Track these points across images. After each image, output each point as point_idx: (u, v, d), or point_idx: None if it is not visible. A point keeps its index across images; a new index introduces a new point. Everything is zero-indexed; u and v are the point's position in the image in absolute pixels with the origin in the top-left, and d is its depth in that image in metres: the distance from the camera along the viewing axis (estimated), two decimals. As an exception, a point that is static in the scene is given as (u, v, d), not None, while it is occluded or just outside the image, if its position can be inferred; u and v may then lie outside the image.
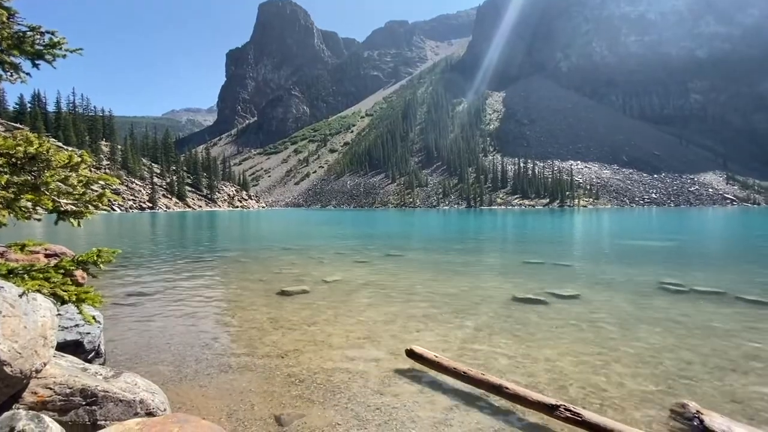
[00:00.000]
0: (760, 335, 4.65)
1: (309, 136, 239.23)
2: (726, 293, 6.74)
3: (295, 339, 4.51)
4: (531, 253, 13.21)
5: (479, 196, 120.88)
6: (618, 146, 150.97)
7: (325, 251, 13.61)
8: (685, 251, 14.49)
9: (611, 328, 4.90)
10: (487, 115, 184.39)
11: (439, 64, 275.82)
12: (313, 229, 28.34)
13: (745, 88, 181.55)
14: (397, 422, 2.78)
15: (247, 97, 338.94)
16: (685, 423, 2.67)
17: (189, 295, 6.75)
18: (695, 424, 2.61)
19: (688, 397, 3.00)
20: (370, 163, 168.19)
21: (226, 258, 11.85)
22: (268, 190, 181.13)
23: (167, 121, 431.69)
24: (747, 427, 2.53)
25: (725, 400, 3.09)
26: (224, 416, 2.85)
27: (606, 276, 8.72)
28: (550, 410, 2.66)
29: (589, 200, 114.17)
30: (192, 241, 18.97)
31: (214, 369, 3.69)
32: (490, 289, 7.23)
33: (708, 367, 3.73)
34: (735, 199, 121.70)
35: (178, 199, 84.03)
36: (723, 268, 10.41)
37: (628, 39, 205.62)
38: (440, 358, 3.54)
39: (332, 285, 7.59)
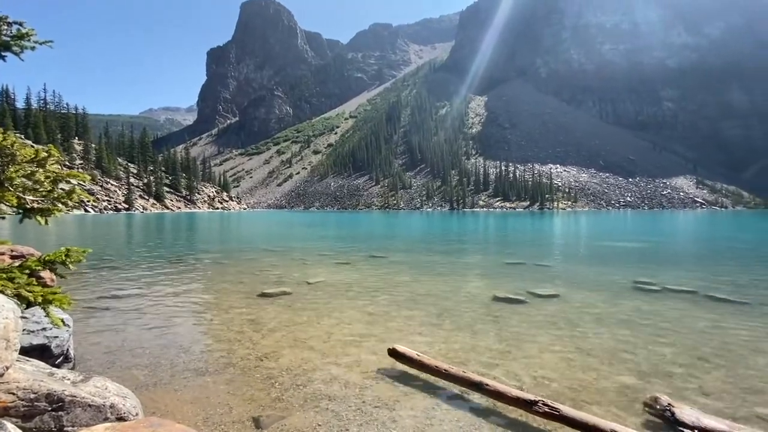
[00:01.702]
0: (728, 331, 4.85)
1: (292, 137, 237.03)
2: (696, 292, 7.01)
3: (275, 341, 4.43)
4: (512, 254, 13.43)
5: (462, 198, 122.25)
6: (595, 151, 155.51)
7: (307, 253, 13.47)
8: (658, 252, 15.01)
9: (588, 326, 5.02)
10: (469, 119, 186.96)
11: (423, 68, 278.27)
12: (295, 230, 28.04)
13: (712, 97, 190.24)
14: (378, 422, 2.76)
15: (229, 96, 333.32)
16: (657, 415, 2.76)
17: (165, 298, 6.56)
18: (667, 416, 2.69)
19: (660, 391, 3.09)
20: (354, 165, 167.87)
21: (204, 260, 11.58)
22: (249, 192, 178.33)
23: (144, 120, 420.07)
24: (715, 418, 2.62)
25: (695, 393, 3.20)
26: (200, 420, 2.77)
27: (583, 276, 8.94)
28: (529, 406, 2.70)
29: (568, 203, 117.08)
30: (170, 242, 18.46)
31: (191, 373, 3.59)
32: (472, 289, 7.30)
33: (679, 362, 3.86)
34: (704, 202, 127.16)
35: (156, 200, 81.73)
36: (693, 268, 10.83)
37: (603, 47, 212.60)
38: (422, 356, 3.54)
39: (314, 286, 7.52)
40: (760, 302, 6.32)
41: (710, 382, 3.43)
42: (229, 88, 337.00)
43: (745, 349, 4.22)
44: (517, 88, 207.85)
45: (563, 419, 2.57)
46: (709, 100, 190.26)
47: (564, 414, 2.57)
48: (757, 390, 3.27)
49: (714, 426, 2.53)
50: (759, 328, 4.99)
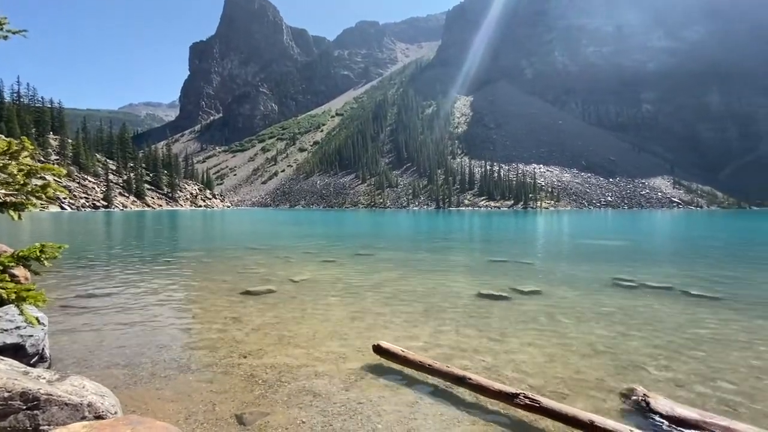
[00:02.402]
0: (702, 325, 5.04)
1: (277, 134, 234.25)
2: (672, 288, 7.25)
3: (259, 338, 4.39)
4: (496, 252, 13.62)
5: (448, 197, 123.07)
6: (577, 151, 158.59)
7: (292, 251, 13.37)
8: (636, 250, 15.45)
9: (568, 321, 5.14)
10: (455, 119, 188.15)
11: (410, 66, 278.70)
12: (280, 228, 27.76)
13: (689, 100, 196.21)
14: (363, 417, 2.77)
15: (212, 92, 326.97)
16: (633, 405, 2.85)
17: (146, 296, 6.42)
18: (642, 406, 2.79)
19: (636, 382, 3.20)
20: (341, 163, 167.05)
21: (187, 258, 11.37)
22: (233, 189, 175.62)
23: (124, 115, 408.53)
24: (687, 407, 2.73)
25: (669, 384, 3.32)
26: (182, 418, 2.73)
27: (564, 273, 9.13)
28: (510, 399, 2.75)
29: (551, 202, 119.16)
30: (150, 240, 18.05)
31: (173, 371, 3.53)
32: (456, 287, 7.38)
33: (655, 355, 3.99)
34: (680, 202, 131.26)
35: (136, 197, 79.68)
36: (669, 265, 11.19)
37: (587, 49, 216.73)
38: (406, 352, 3.57)
39: (299, 284, 7.47)
40: (731, 298, 6.58)
41: (684, 373, 3.56)
42: (212, 83, 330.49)
43: (717, 343, 4.39)
44: (503, 89, 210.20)
45: (543, 411, 2.63)
46: (687, 102, 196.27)
47: (544, 406, 2.63)
48: (727, 380, 3.41)
49: (686, 415, 2.63)
50: (730, 322, 5.20)
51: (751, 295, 6.91)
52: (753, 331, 4.81)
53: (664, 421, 2.63)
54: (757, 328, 4.91)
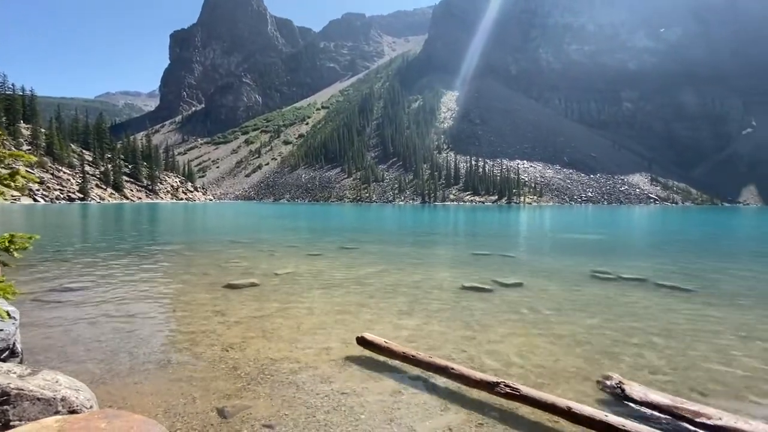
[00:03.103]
0: (674, 316, 5.23)
1: (261, 127, 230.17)
2: (647, 280, 7.49)
3: (241, 331, 4.34)
4: (480, 246, 13.79)
5: (433, 192, 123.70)
6: (560, 148, 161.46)
7: (276, 244, 13.23)
8: (614, 244, 15.89)
9: (548, 312, 5.26)
10: (441, 114, 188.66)
11: (396, 60, 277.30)
12: (264, 222, 27.43)
13: (667, 99, 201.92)
14: (346, 407, 2.78)
15: (194, 82, 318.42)
16: (609, 392, 2.95)
17: (124, 290, 6.26)
18: (617, 392, 2.88)
19: (612, 370, 3.30)
20: (326, 157, 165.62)
21: (167, 251, 11.12)
22: (216, 182, 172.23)
23: (101, 105, 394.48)
24: (660, 393, 2.83)
25: (643, 372, 3.44)
26: (161, 412, 2.68)
27: (545, 266, 9.33)
28: (491, 387, 2.80)
29: (534, 197, 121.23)
30: (129, 233, 17.57)
31: (151, 364, 3.46)
32: (440, 279, 7.45)
33: (630, 343, 4.13)
34: (657, 198, 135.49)
35: (114, 189, 77.31)
36: (645, 258, 11.55)
37: (570, 47, 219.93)
38: (390, 344, 3.59)
39: (283, 277, 7.40)
40: (702, 289, 6.85)
41: (657, 361, 3.69)
42: (194, 73, 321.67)
43: (689, 332, 4.57)
44: (488, 84, 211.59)
45: (523, 399, 2.69)
46: (665, 102, 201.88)
47: (524, 394, 2.69)
48: (698, 368, 3.56)
49: (659, 400, 2.73)
50: (701, 312, 5.41)
51: (719, 286, 7.21)
52: (721, 320, 5.02)
53: (638, 407, 2.73)
54: (725, 318, 5.12)
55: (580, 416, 2.45)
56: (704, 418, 2.51)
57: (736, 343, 4.20)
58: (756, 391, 3.14)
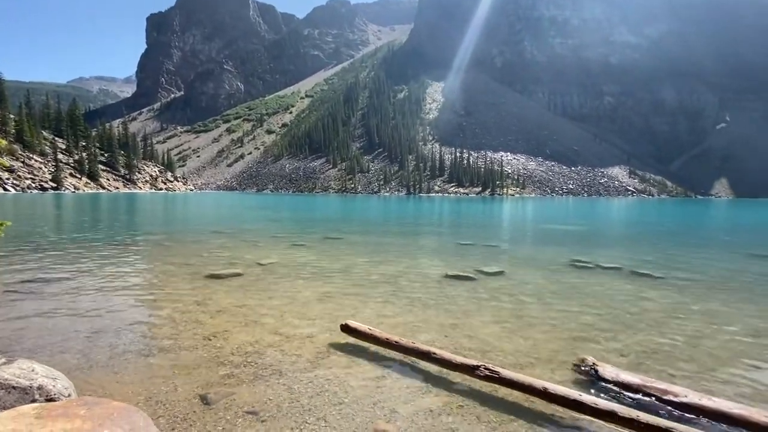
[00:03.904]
0: (646, 301, 5.45)
1: (243, 115, 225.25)
2: (622, 268, 7.76)
3: (224, 321, 4.31)
4: (463, 236, 13.97)
5: (419, 183, 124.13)
6: (543, 140, 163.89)
7: (260, 235, 13.10)
8: (592, 234, 16.35)
9: (528, 299, 5.41)
10: (426, 105, 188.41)
11: (382, 49, 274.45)
12: (247, 212, 27.05)
13: (646, 95, 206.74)
14: (330, 393, 2.82)
15: (173, 68, 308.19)
16: (583, 373, 3.07)
17: (102, 281, 6.11)
18: (591, 374, 3.01)
19: (587, 353, 3.43)
20: (311, 147, 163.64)
21: (146, 241, 10.88)
22: (197, 172, 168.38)
23: (74, 90, 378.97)
24: (630, 373, 2.97)
25: (616, 354, 3.59)
26: (142, 400, 2.66)
27: (526, 255, 9.54)
28: (472, 371, 2.89)
29: (517, 189, 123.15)
30: (106, 224, 17.07)
31: (132, 354, 3.41)
32: (424, 268, 7.54)
33: (604, 328, 4.29)
34: (635, 190, 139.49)
35: (90, 179, 74.66)
36: (621, 248, 11.95)
37: (554, 41, 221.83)
38: (374, 330, 3.63)
39: (267, 267, 7.35)
40: (673, 276, 7.15)
41: (629, 344, 3.86)
42: (172, 59, 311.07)
43: (659, 316, 4.78)
44: (473, 76, 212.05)
45: (502, 381, 2.78)
46: (644, 97, 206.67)
47: (503, 376, 2.78)
48: (665, 349, 3.74)
49: (629, 380, 2.86)
50: (671, 298, 5.66)
51: (689, 274, 7.53)
52: (689, 305, 5.27)
53: (610, 386, 2.86)
54: (694, 303, 5.37)
55: (555, 396, 2.56)
56: (671, 396, 2.65)
57: (702, 327, 4.42)
58: (719, 371, 3.32)
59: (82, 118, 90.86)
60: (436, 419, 2.52)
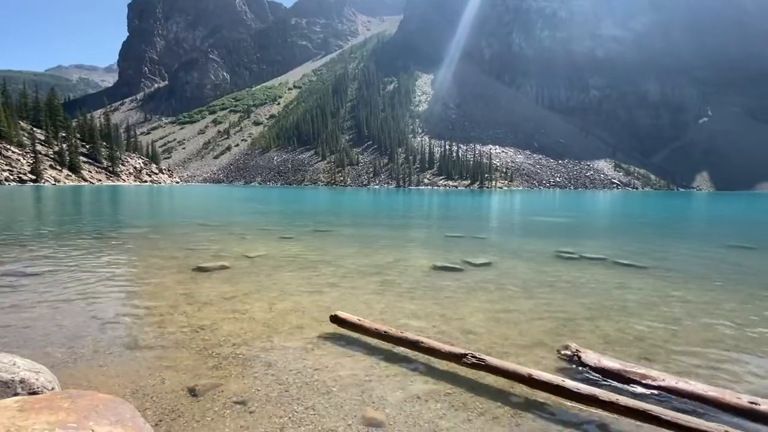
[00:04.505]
0: (628, 290, 5.60)
1: (230, 106, 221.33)
2: (606, 259, 7.94)
3: (212, 313, 4.29)
4: (452, 228, 14.07)
5: (408, 176, 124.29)
6: (530, 133, 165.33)
7: (248, 227, 12.98)
8: (578, 226, 16.64)
9: (515, 289, 5.50)
10: (416, 97, 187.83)
11: (371, 40, 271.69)
12: (235, 205, 26.73)
13: (631, 88, 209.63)
14: (319, 382, 2.84)
15: (156, 57, 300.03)
16: (567, 360, 3.16)
17: (85, 275, 5.99)
18: (574, 360, 3.09)
19: (571, 340, 3.52)
20: (299, 139, 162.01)
21: (131, 234, 10.68)
22: (182, 164, 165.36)
23: (52, 79, 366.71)
24: (612, 359, 3.06)
25: (599, 341, 3.69)
26: (129, 392, 2.64)
27: (514, 246, 9.68)
28: (459, 359, 2.94)
29: (505, 182, 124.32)
30: (89, 217, 16.69)
31: (117, 347, 3.37)
32: (413, 260, 7.58)
33: (588, 316, 4.40)
34: (620, 183, 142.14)
35: (71, 171, 72.69)
36: (606, 239, 12.21)
37: (542, 33, 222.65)
38: (363, 321, 3.65)
39: (255, 260, 7.30)
40: (654, 266, 7.34)
41: (611, 331, 3.97)
42: (155, 47, 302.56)
43: (640, 305, 4.92)
44: (462, 68, 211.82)
45: (488, 368, 2.84)
46: (629, 90, 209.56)
47: (489, 364, 2.84)
48: (645, 336, 3.86)
49: (610, 365, 2.95)
50: (652, 287, 5.82)
51: (670, 264, 7.75)
52: (670, 294, 5.43)
53: (591, 372, 2.94)
54: (673, 292, 5.54)
55: (540, 382, 2.62)
56: (650, 380, 2.75)
57: (681, 314, 4.57)
58: (696, 356, 3.45)
59: (61, 107, 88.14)
60: (424, 406, 2.57)
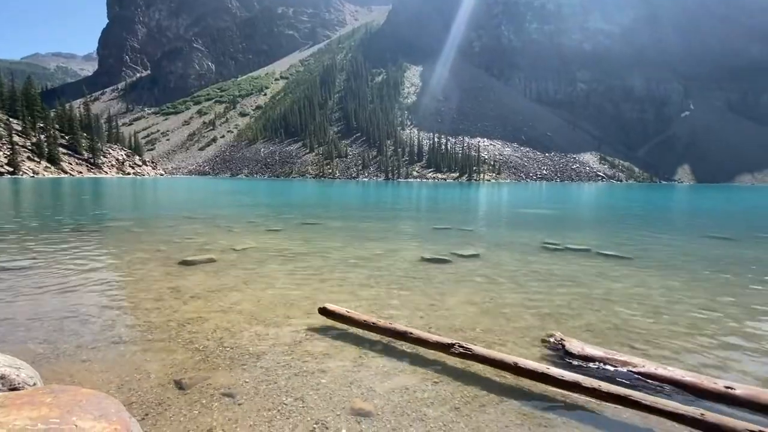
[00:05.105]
0: (610, 281, 5.73)
1: (215, 96, 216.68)
2: (590, 250, 8.09)
3: (198, 307, 4.24)
4: (440, 220, 14.16)
5: (397, 168, 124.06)
6: (518, 126, 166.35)
7: (235, 220, 12.82)
8: (563, 218, 16.90)
9: (501, 280, 5.58)
10: (405, 88, 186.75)
11: (359, 30, 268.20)
12: (221, 198, 26.35)
13: (617, 81, 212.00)
14: (308, 373, 2.84)
15: (137, 45, 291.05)
16: (552, 348, 3.23)
17: (67, 269, 5.85)
18: (559, 348, 3.16)
19: (555, 329, 3.59)
20: (287, 130, 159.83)
21: (115, 227, 10.45)
22: (166, 156, 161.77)
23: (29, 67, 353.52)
24: (595, 347, 3.14)
25: (582, 330, 3.78)
26: (114, 387, 2.61)
27: (501, 238, 9.79)
28: (446, 348, 2.98)
29: (493, 175, 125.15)
30: (70, 209, 16.25)
31: (101, 342, 3.32)
32: (401, 252, 7.61)
33: (572, 306, 4.50)
34: (605, 176, 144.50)
35: (50, 162, 70.48)
36: (590, 230, 12.44)
37: (531, 26, 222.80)
38: (352, 312, 3.66)
39: (242, 253, 7.24)
40: (637, 257, 7.52)
41: (594, 320, 4.06)
42: (137, 35, 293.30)
43: (622, 294, 5.04)
44: (451, 60, 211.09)
45: (475, 357, 2.88)
46: (615, 84, 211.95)
47: (476, 353, 2.88)
48: (628, 324, 3.96)
49: (594, 353, 3.03)
50: (634, 277, 5.97)
51: (652, 255, 7.94)
52: (651, 284, 5.58)
53: (575, 360, 3.02)
54: (655, 282, 5.69)
55: (525, 370, 2.68)
56: (630, 366, 2.83)
57: (661, 303, 4.70)
58: (675, 343, 3.56)
59: (39, 97, 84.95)
60: (412, 395, 2.60)
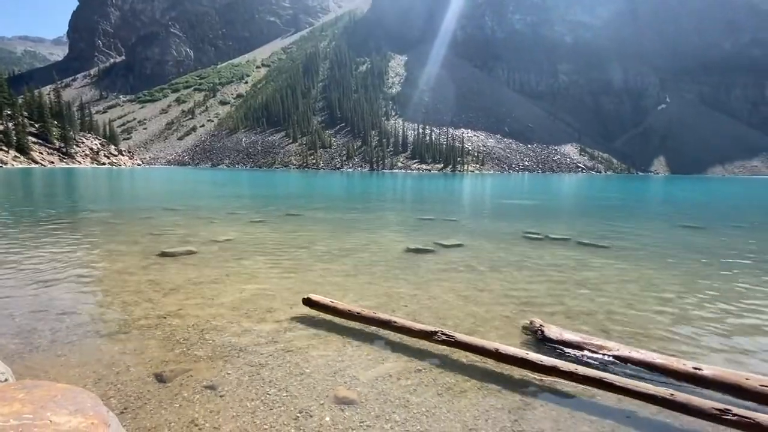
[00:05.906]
0: (588, 269, 5.90)
1: (194, 84, 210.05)
2: (570, 239, 8.30)
3: (179, 299, 4.16)
4: (424, 211, 14.24)
5: (382, 159, 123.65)
6: (501, 117, 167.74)
7: (216, 211, 12.57)
8: (544, 208, 17.25)
9: (483, 269, 5.67)
10: (389, 78, 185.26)
11: (343, 18, 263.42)
12: (202, 188, 25.77)
13: (597, 74, 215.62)
14: (291, 364, 2.84)
15: (110, 29, 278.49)
16: (531, 334, 3.31)
17: (40, 262, 5.64)
18: (538, 334, 3.25)
19: (535, 316, 3.68)
20: (269, 120, 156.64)
21: (90, 219, 10.12)
22: (144, 145, 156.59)
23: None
24: (572, 332, 3.24)
25: (561, 316, 3.89)
26: (90, 382, 2.55)
27: (483, 228, 9.93)
28: (429, 336, 3.02)
29: (476, 166, 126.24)
30: (43, 200, 15.61)
31: (77, 337, 3.22)
32: (386, 243, 7.63)
33: (551, 293, 4.62)
34: (584, 167, 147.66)
35: (19, 152, 67.34)
36: (569, 220, 12.74)
37: (514, 17, 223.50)
38: (336, 303, 3.67)
39: (223, 245, 7.12)
40: (614, 246, 7.75)
41: (573, 306, 4.19)
42: (110, 18, 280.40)
43: (599, 281, 5.20)
44: (435, 50, 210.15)
45: (458, 344, 2.94)
46: (595, 76, 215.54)
47: (458, 340, 2.94)
48: (605, 311, 4.10)
49: (571, 338, 3.12)
50: (611, 265, 6.16)
51: (628, 243, 8.21)
52: (627, 272, 5.77)
53: (554, 345, 3.11)
54: (630, 270, 5.89)
55: (506, 356, 2.75)
56: (606, 350, 2.94)
57: (636, 290, 4.87)
58: (648, 327, 3.70)
59: (5, 83, 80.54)
60: (395, 383, 2.63)
